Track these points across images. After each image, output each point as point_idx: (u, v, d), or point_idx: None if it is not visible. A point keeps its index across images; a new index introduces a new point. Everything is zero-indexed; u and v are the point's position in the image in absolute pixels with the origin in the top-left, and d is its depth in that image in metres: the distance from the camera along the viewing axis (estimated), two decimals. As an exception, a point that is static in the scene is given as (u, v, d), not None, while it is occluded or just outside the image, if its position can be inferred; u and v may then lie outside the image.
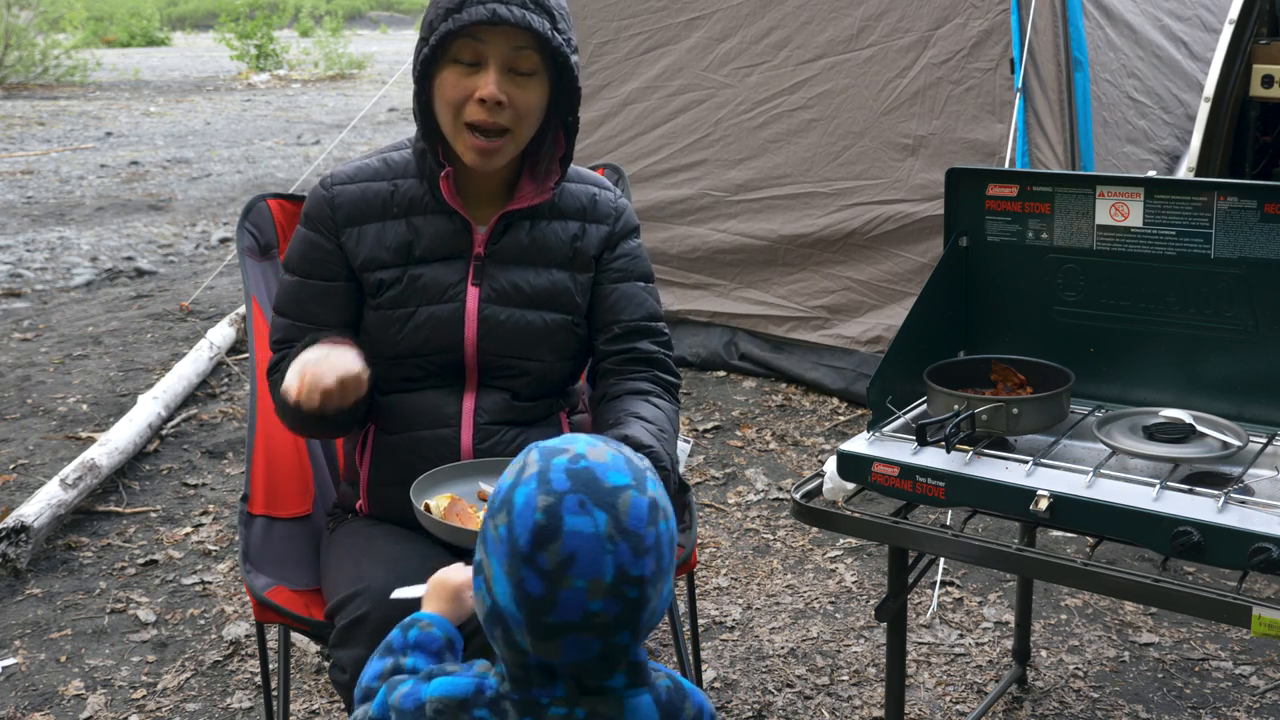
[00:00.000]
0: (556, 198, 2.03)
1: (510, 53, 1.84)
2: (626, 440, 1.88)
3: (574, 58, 1.88)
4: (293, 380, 1.76)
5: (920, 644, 2.92)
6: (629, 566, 1.19)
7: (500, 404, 1.99)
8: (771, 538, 3.51)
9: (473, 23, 1.79)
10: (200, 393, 4.76)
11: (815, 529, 3.32)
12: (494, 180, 1.99)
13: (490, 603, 1.22)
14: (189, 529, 3.62)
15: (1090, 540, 1.75)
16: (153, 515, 3.72)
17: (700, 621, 3.03)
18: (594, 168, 2.31)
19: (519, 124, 1.88)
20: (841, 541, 3.46)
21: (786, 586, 3.23)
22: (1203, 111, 3.73)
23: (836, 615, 3.08)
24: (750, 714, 2.67)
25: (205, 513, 3.73)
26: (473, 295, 1.97)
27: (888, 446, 1.88)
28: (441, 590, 1.50)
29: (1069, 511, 1.68)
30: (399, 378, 1.99)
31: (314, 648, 2.87)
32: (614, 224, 2.08)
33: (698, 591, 3.11)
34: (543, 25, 1.81)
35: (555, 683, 1.24)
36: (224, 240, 7.80)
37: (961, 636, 2.95)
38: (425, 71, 1.87)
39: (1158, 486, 1.68)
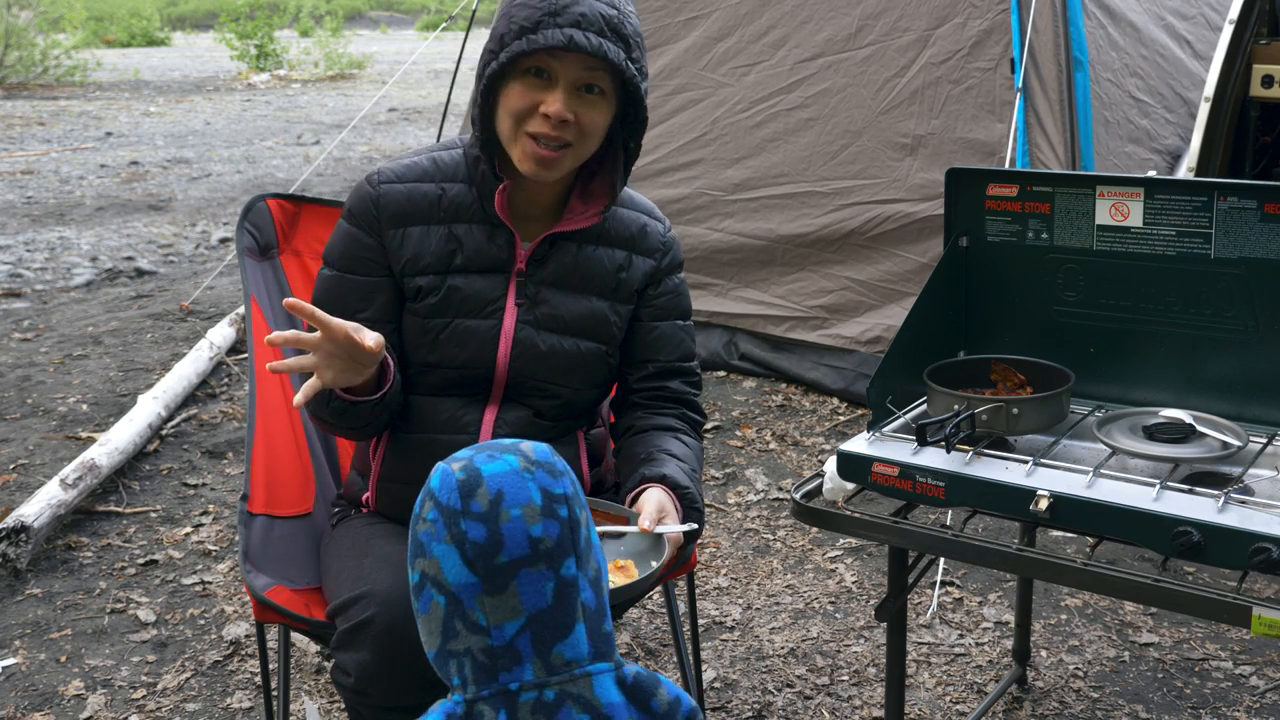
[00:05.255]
0: (605, 223, 2.00)
1: (581, 73, 1.81)
2: (664, 480, 1.87)
3: (644, 84, 1.85)
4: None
5: (920, 644, 2.92)
6: (551, 486, 1.30)
7: (522, 420, 1.98)
8: (771, 538, 3.51)
9: (548, 46, 1.76)
10: (200, 393, 4.76)
11: (815, 529, 3.32)
12: (545, 199, 1.96)
13: (445, 599, 1.27)
14: (189, 529, 3.62)
15: (1090, 540, 1.75)
16: (153, 515, 3.72)
17: (700, 621, 3.03)
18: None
19: (581, 141, 1.85)
20: (841, 541, 3.46)
21: (786, 586, 3.23)
22: (1203, 111, 3.73)
23: (836, 615, 3.08)
24: (750, 714, 2.67)
25: (205, 513, 3.73)
26: (511, 314, 1.94)
27: (888, 446, 1.88)
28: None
29: (1069, 511, 1.68)
30: (426, 383, 1.98)
31: (314, 648, 2.87)
32: (661, 259, 2.05)
33: (698, 591, 3.11)
34: (617, 55, 1.78)
35: (522, 664, 1.27)
36: (224, 240, 7.80)
37: (961, 636, 2.95)
38: (491, 84, 1.84)
39: (1158, 486, 1.68)
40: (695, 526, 1.86)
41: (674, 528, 1.80)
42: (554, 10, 1.76)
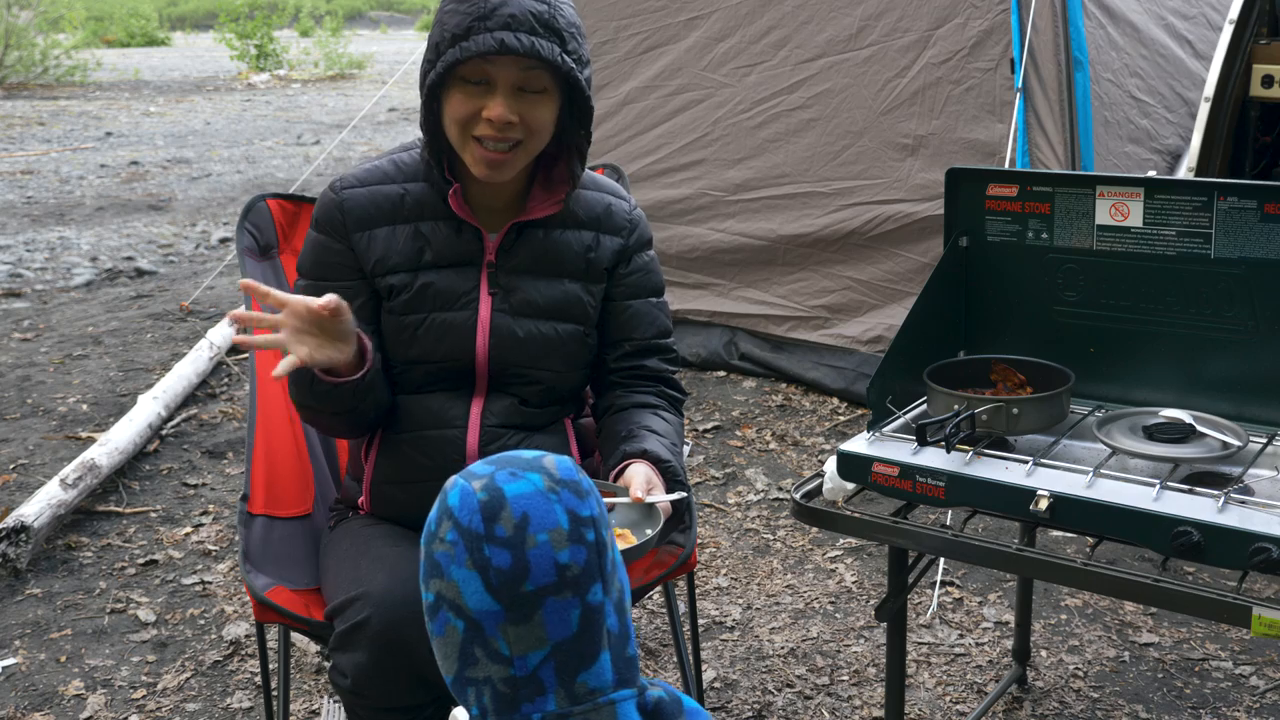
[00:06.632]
0: (571, 206, 2.02)
1: (519, 74, 1.82)
2: (645, 455, 1.89)
3: (585, 73, 1.86)
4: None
5: (920, 644, 2.92)
6: (578, 509, 1.24)
7: (508, 409, 1.99)
8: (771, 538, 3.51)
9: (480, 52, 1.77)
10: (200, 393, 4.77)
11: (815, 529, 3.32)
12: (506, 192, 1.98)
13: (463, 624, 1.22)
14: (189, 529, 3.62)
15: (1090, 540, 1.75)
16: (153, 515, 3.72)
17: (700, 621, 3.03)
18: (593, 168, 2.30)
19: (530, 138, 1.87)
20: (841, 541, 3.46)
21: (786, 586, 3.23)
22: (1203, 111, 3.73)
23: (836, 615, 3.08)
24: (750, 714, 2.67)
25: (205, 513, 3.73)
26: (485, 304, 1.96)
27: (888, 446, 1.88)
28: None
29: (1069, 511, 1.68)
30: (410, 381, 1.99)
31: (314, 648, 2.87)
32: (628, 236, 2.06)
33: (698, 591, 3.11)
34: (551, 51, 1.79)
35: (545, 694, 1.22)
36: (224, 240, 7.80)
37: (961, 636, 2.95)
38: (433, 92, 1.85)
39: (1158, 486, 1.68)
40: (684, 495, 1.88)
41: (664, 497, 1.83)
42: (483, 14, 1.77)
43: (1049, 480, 1.73)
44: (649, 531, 1.78)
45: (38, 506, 3.42)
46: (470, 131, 1.84)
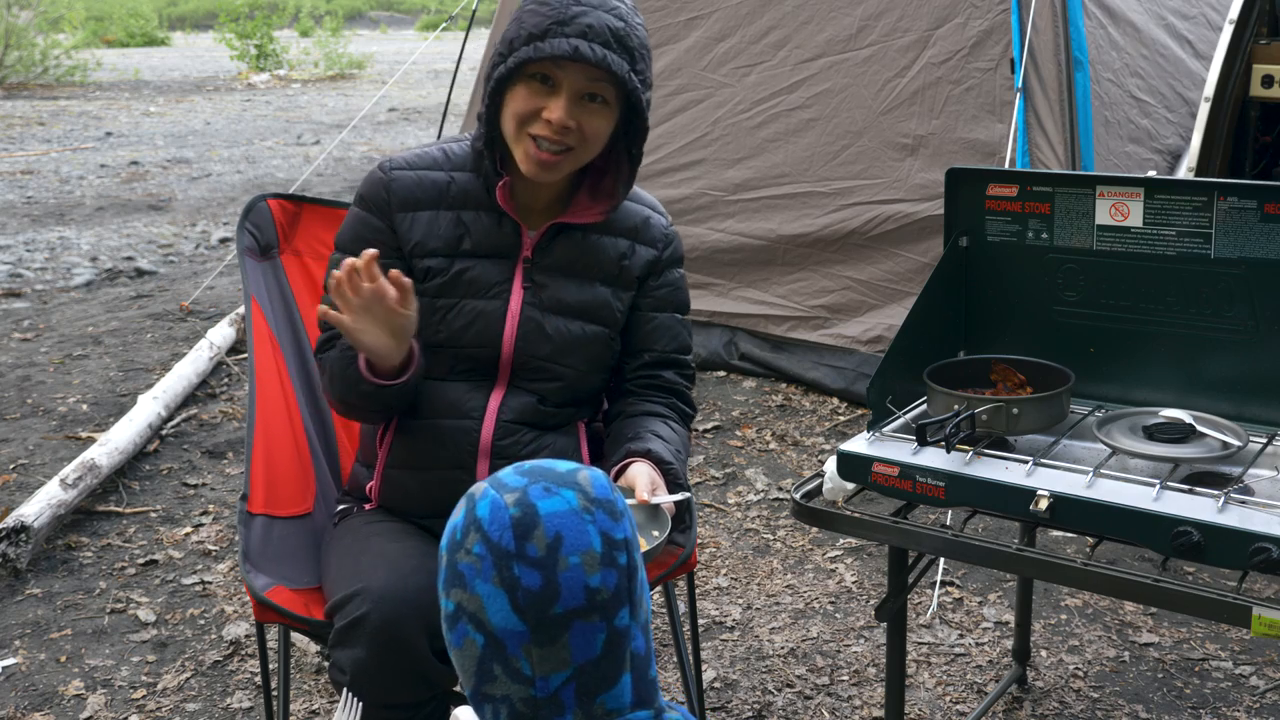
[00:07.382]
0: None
1: (585, 82, 1.85)
2: (649, 455, 1.91)
3: (647, 95, 1.90)
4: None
5: (920, 644, 2.92)
6: (612, 531, 1.20)
7: (526, 405, 2.01)
8: (771, 538, 3.51)
9: (553, 55, 1.80)
10: (200, 393, 4.76)
11: (815, 529, 3.32)
12: (550, 192, 2.01)
13: (484, 639, 1.19)
14: (189, 529, 3.62)
15: (1090, 540, 1.75)
16: (153, 515, 3.72)
17: (700, 621, 3.03)
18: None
19: (583, 145, 1.90)
20: (841, 541, 3.46)
21: (786, 586, 3.23)
22: (1203, 111, 3.73)
23: (836, 615, 3.08)
24: (750, 714, 2.67)
25: (205, 513, 3.73)
26: (517, 296, 1.99)
27: (888, 446, 1.88)
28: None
29: (1069, 511, 1.68)
30: (434, 366, 2.01)
31: (314, 648, 2.87)
32: (662, 250, 2.09)
33: (698, 591, 3.11)
34: (621, 66, 1.82)
35: (564, 714, 1.20)
36: (224, 240, 7.80)
37: (961, 636, 2.95)
38: (499, 85, 1.88)
39: (1158, 486, 1.68)
40: (688, 495, 1.90)
41: (668, 497, 1.84)
42: (562, 19, 1.81)
43: (1049, 480, 1.73)
44: (655, 533, 1.79)
45: (38, 506, 3.42)
46: (527, 129, 1.88)
